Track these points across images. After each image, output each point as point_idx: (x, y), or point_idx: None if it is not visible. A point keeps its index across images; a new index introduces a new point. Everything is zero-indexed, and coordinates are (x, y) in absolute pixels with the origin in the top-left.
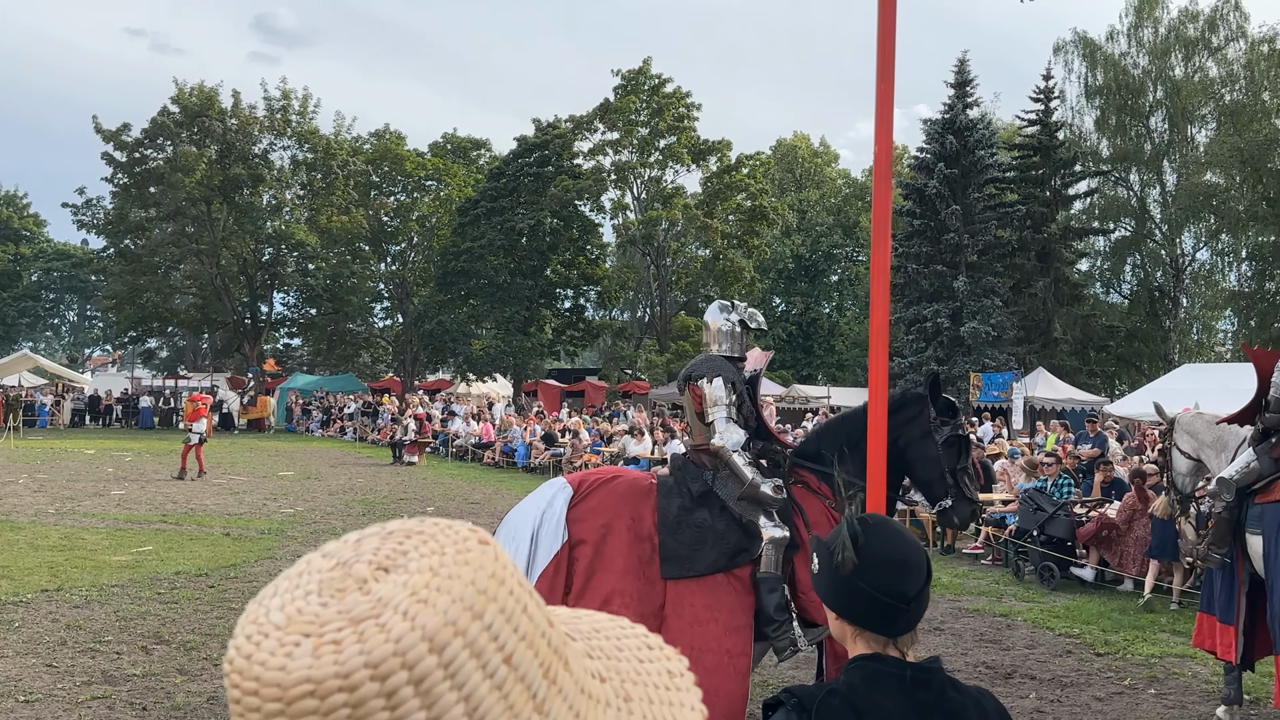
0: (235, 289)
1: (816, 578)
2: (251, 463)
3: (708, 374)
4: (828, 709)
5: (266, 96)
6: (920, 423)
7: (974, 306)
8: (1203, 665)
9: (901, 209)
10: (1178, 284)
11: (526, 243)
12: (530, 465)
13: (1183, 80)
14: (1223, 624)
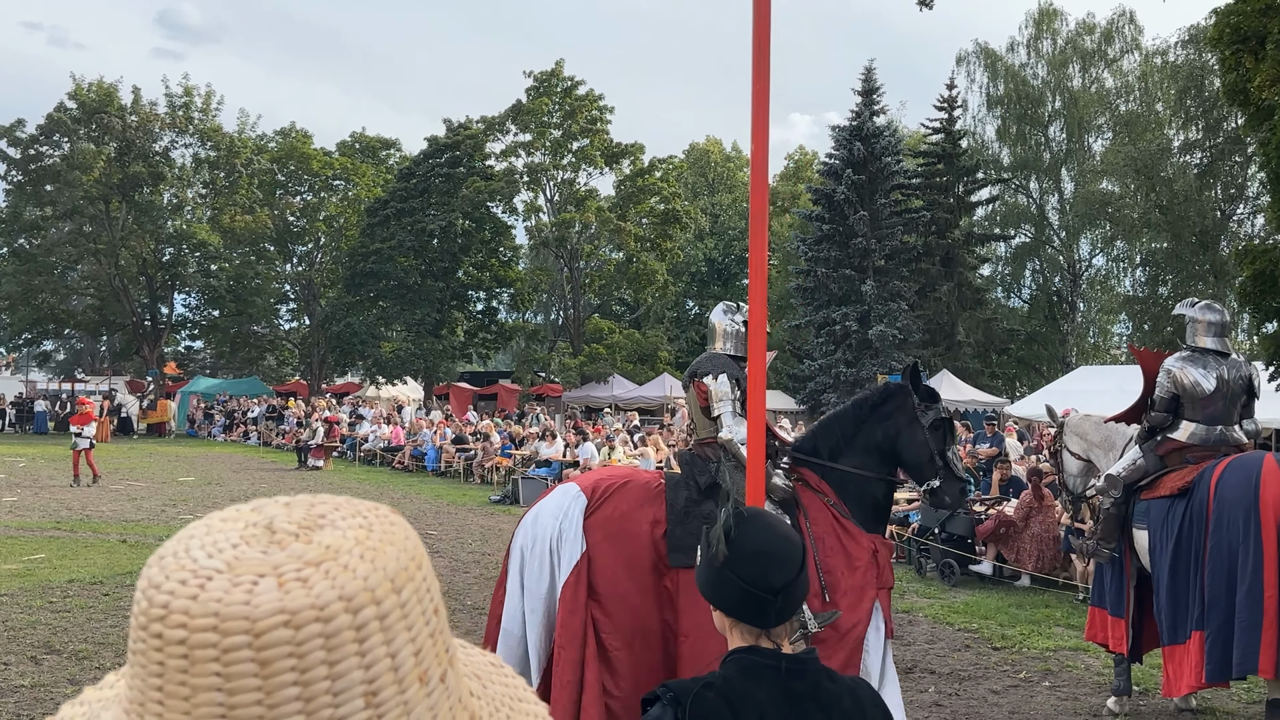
0: (134, 290)
1: (697, 571)
2: (151, 468)
3: (712, 371)
4: (703, 702)
5: (168, 93)
6: (906, 410)
7: (881, 310)
8: (1095, 658)
9: (811, 214)
10: (1075, 289)
11: (438, 244)
12: (441, 469)
13: (1080, 91)
14: (1113, 617)
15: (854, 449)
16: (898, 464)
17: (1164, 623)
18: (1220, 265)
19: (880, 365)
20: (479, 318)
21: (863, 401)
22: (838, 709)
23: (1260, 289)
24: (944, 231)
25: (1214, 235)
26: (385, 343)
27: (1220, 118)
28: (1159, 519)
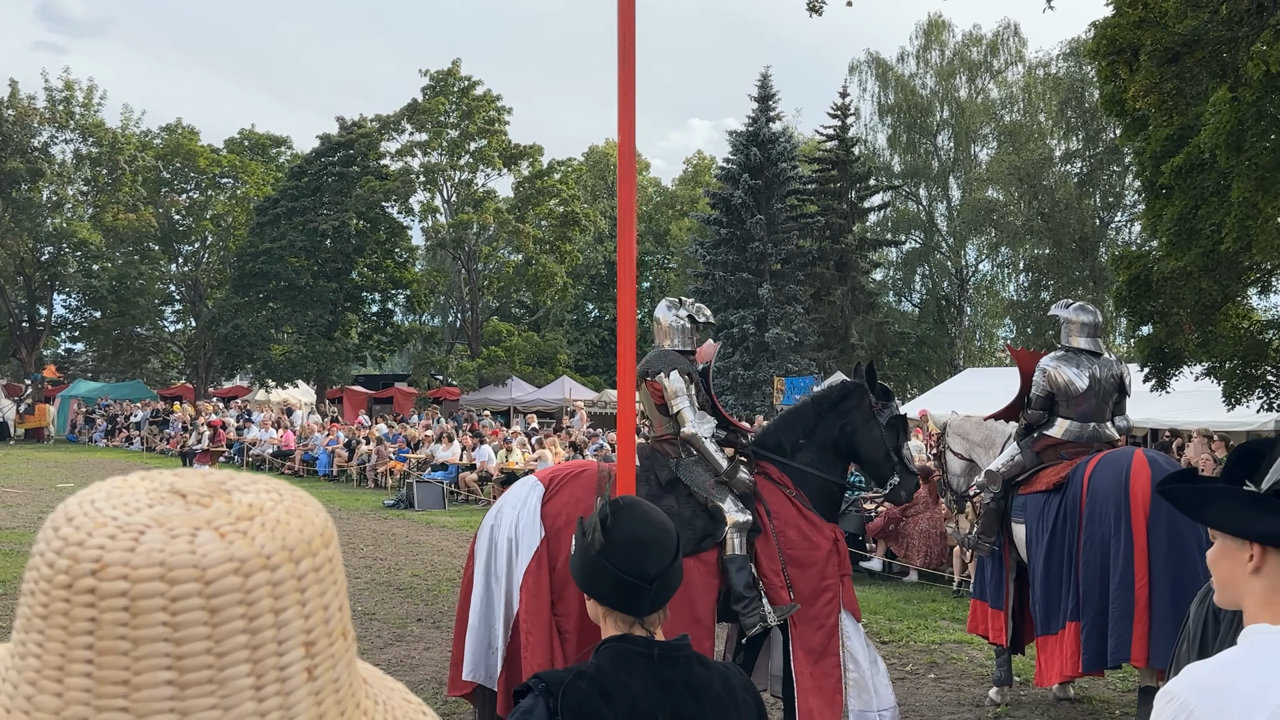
0: (11, 290)
1: (571, 560)
2: (28, 474)
3: (664, 369)
4: (575, 691)
5: (48, 87)
6: (862, 409)
7: (778, 313)
8: (978, 650)
9: (709, 218)
10: (962, 293)
11: (330, 244)
12: (333, 474)
13: (967, 101)
14: (993, 609)
15: (812, 444)
16: (854, 459)
17: (1039, 614)
18: (1099, 271)
19: (777, 368)
20: (374, 320)
21: (822, 398)
22: (709, 694)
23: (1135, 293)
24: (838, 236)
25: (1093, 242)
26: (275, 345)
27: (1099, 128)
28: (1035, 513)
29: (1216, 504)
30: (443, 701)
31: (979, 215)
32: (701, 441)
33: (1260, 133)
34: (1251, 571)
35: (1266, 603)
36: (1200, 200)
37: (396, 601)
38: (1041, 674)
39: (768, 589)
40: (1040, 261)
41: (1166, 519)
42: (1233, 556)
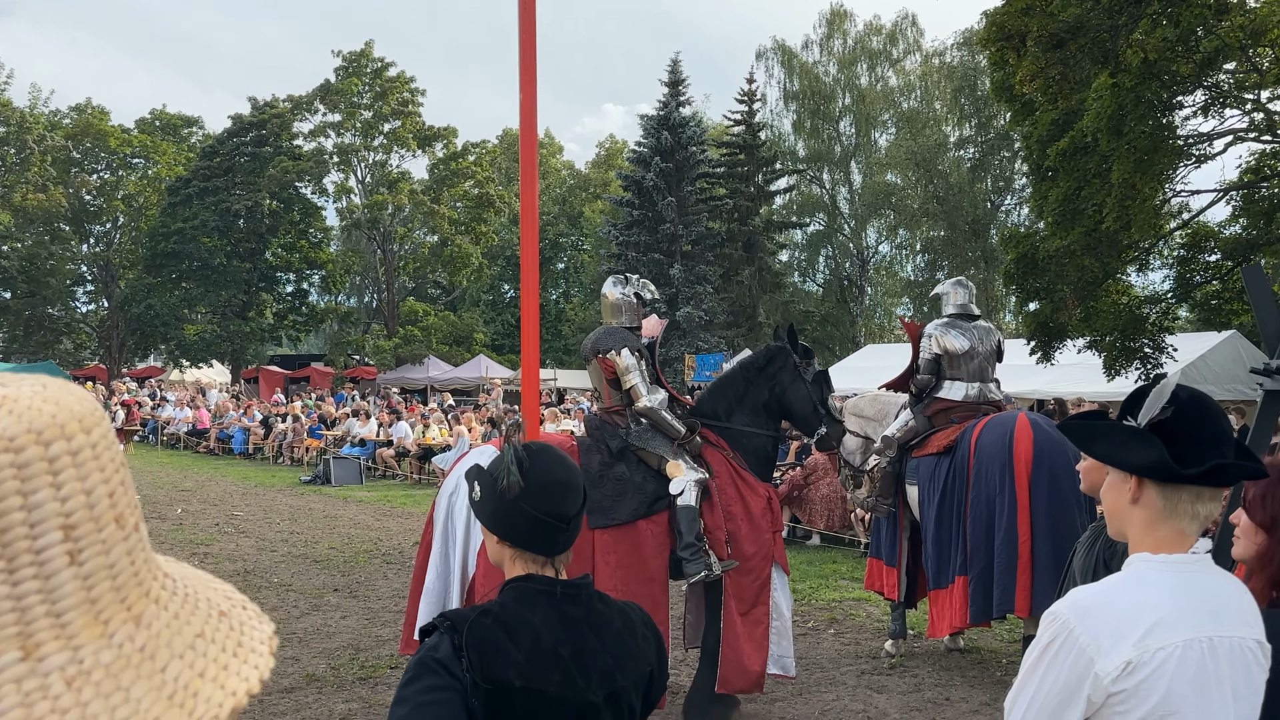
0: None
1: (478, 505)
2: None
3: (615, 346)
4: (479, 628)
5: None
6: (789, 368)
7: (688, 293)
8: (875, 607)
9: (622, 200)
10: (863, 274)
11: (244, 224)
12: (248, 452)
13: (867, 88)
14: (888, 566)
15: (744, 407)
16: (785, 417)
17: (930, 569)
18: (990, 251)
19: (688, 345)
20: (289, 300)
21: (749, 364)
22: (609, 629)
23: (1023, 271)
24: (746, 219)
25: (984, 224)
26: (189, 325)
27: (990, 115)
28: (927, 475)
29: (1103, 439)
30: (360, 666)
31: (878, 199)
32: (658, 413)
33: (1139, 117)
34: (1131, 502)
35: (1146, 532)
36: (1083, 182)
37: (313, 573)
38: (933, 626)
39: (712, 545)
40: (936, 243)
41: (1048, 478)
42: (1118, 488)
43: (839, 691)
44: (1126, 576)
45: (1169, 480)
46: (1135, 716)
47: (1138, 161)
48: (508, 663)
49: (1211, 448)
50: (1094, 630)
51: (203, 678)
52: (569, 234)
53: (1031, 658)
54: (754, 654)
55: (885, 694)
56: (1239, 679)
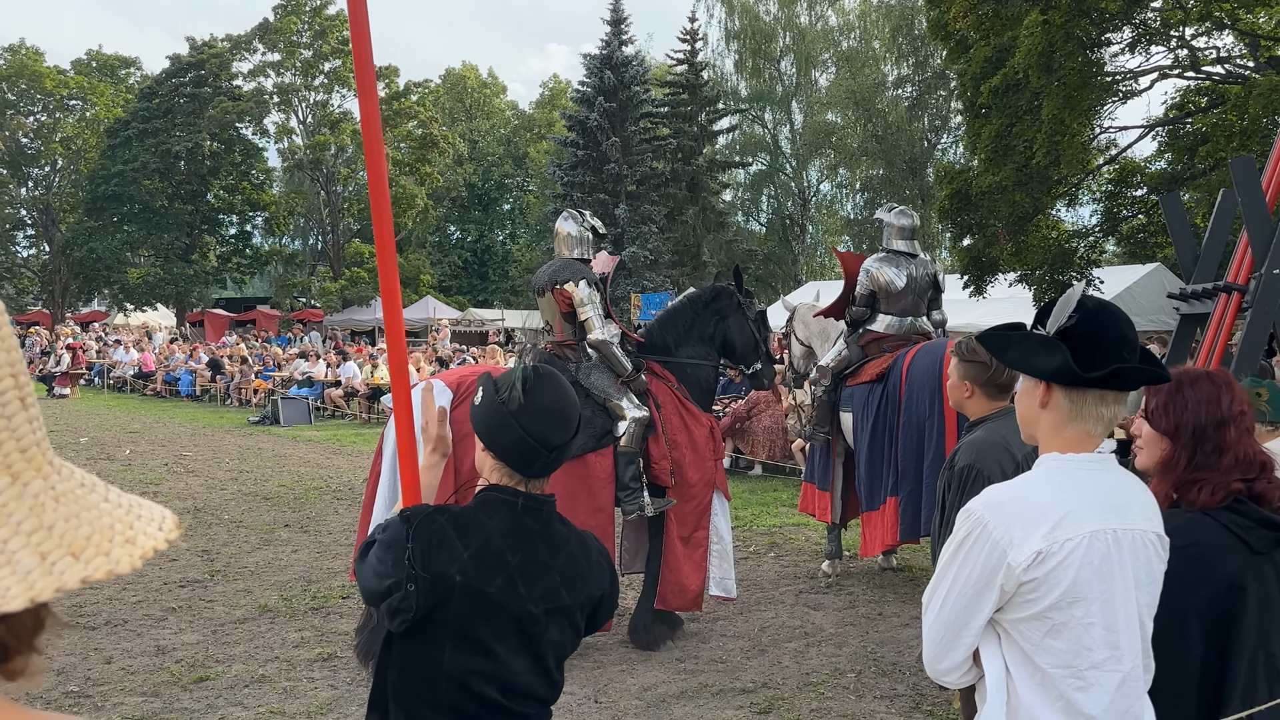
0: None
1: (476, 409)
2: None
3: (573, 278)
4: (431, 523)
5: None
6: (734, 306)
7: (634, 233)
8: (814, 531)
9: (566, 140)
10: (805, 213)
11: (185, 166)
12: (196, 394)
13: (807, 28)
14: (820, 490)
15: (691, 339)
16: (726, 352)
17: (863, 492)
18: (926, 189)
19: (634, 285)
20: (232, 242)
21: (696, 299)
22: (564, 550)
23: (957, 207)
24: (689, 158)
25: (921, 162)
26: (132, 269)
27: (927, 54)
28: (861, 402)
29: (1015, 347)
30: (312, 597)
31: (819, 138)
32: (609, 346)
33: (1068, 54)
34: (1040, 406)
35: (1054, 434)
36: (1015, 119)
37: (264, 510)
38: (866, 545)
39: (657, 474)
40: (874, 181)
41: None
42: (1029, 394)
43: (777, 610)
44: (1037, 475)
45: (1073, 384)
46: (1045, 603)
47: (1067, 98)
48: (451, 559)
49: (1114, 353)
50: (1007, 524)
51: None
52: (514, 174)
53: (948, 552)
54: (693, 575)
55: (821, 611)
56: (1140, 568)
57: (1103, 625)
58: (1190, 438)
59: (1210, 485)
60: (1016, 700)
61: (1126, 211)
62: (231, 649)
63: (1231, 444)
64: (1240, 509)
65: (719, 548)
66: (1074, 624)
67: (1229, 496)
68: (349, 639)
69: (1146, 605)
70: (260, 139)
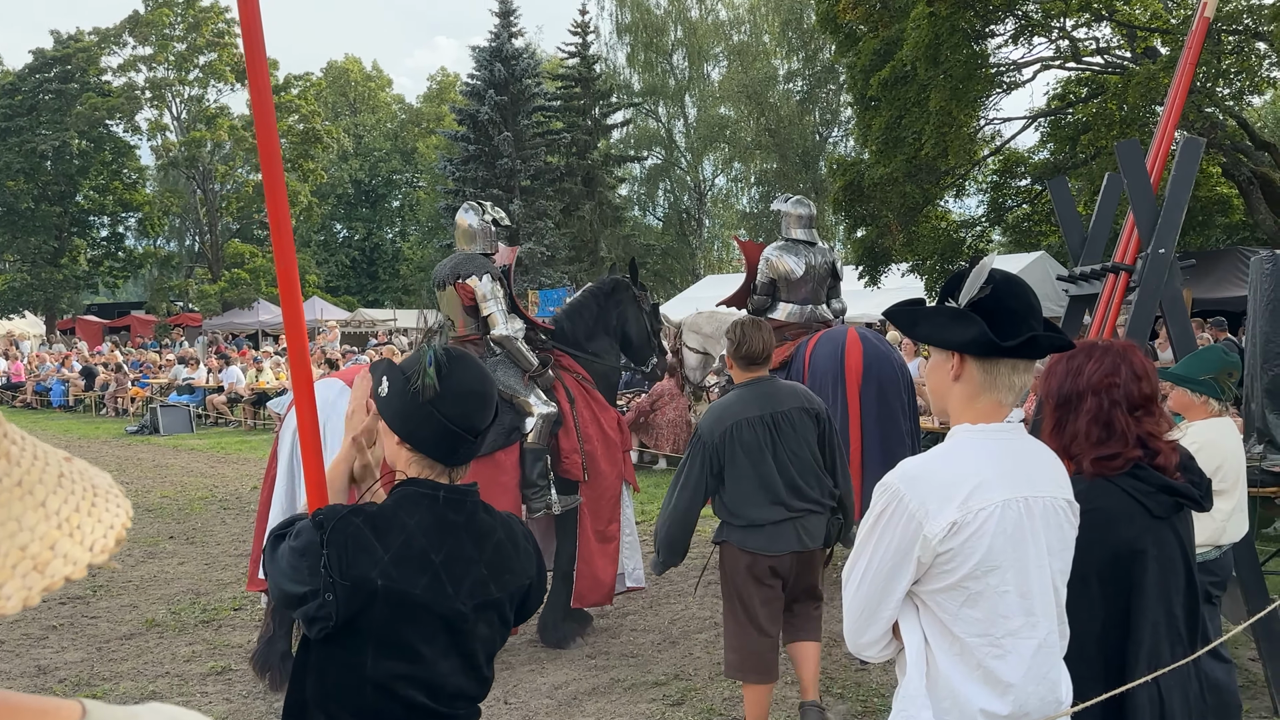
0: None
1: (385, 400)
2: None
3: (476, 272)
4: (346, 525)
5: None
6: (630, 299)
7: (529, 229)
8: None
9: (456, 135)
10: (701, 207)
11: (51, 166)
12: (69, 404)
13: (698, 21)
14: None
15: (598, 332)
16: (623, 344)
17: None
18: (819, 182)
19: (530, 281)
20: (104, 245)
21: (597, 291)
22: (490, 540)
23: (850, 199)
24: (584, 153)
25: (814, 155)
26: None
27: (817, 48)
28: None
29: (925, 322)
30: (202, 610)
31: (713, 131)
32: (514, 341)
33: (954, 46)
34: (954, 378)
35: (967, 405)
36: (903, 111)
37: (147, 522)
38: None
39: (568, 468)
40: (769, 175)
41: (876, 387)
42: (940, 368)
43: (686, 601)
44: (949, 446)
45: (989, 355)
46: (961, 573)
47: (953, 89)
48: (371, 562)
49: (1024, 322)
50: (922, 496)
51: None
52: (403, 170)
53: (866, 526)
54: (608, 567)
55: None
56: (1053, 535)
57: (1017, 593)
58: (1056, 405)
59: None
60: (936, 671)
61: (1011, 201)
62: (118, 666)
63: (1087, 414)
64: (1140, 474)
65: (630, 539)
66: (989, 593)
67: (1128, 464)
68: (243, 651)
69: (1059, 571)
70: (132, 136)
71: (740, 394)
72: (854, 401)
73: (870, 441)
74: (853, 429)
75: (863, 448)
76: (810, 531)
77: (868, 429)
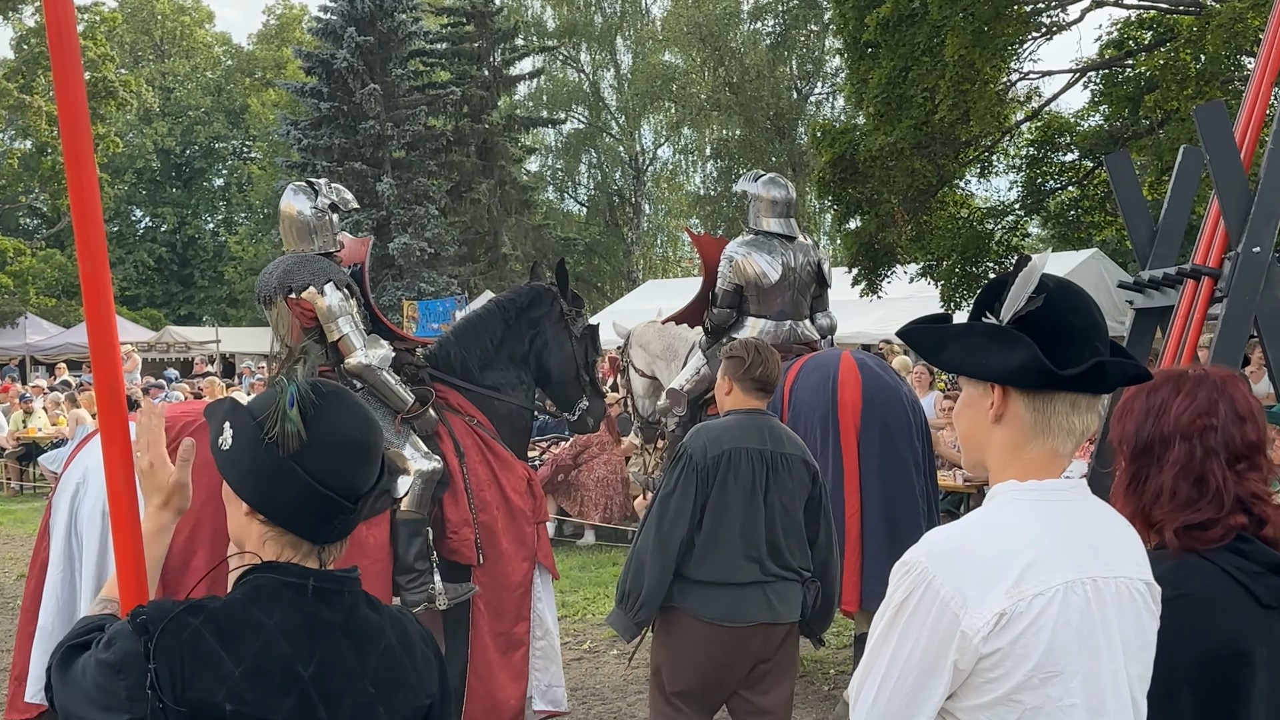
0: None
1: (229, 454)
2: None
3: (314, 281)
4: (178, 630)
5: None
6: (554, 317)
7: (404, 216)
8: None
9: (304, 87)
10: (639, 187)
11: None
12: None
13: None
14: None
15: (501, 360)
16: (540, 380)
17: None
18: (798, 155)
19: (405, 288)
20: None
21: (508, 304)
22: (377, 645)
23: (840, 176)
24: (479, 114)
25: (790, 119)
26: None
27: None
28: None
29: (956, 343)
30: None
31: (655, 86)
32: (377, 374)
33: None
34: (993, 420)
35: (1011, 456)
36: (910, 61)
37: None
38: None
39: (456, 547)
40: (730, 144)
41: (880, 433)
42: (975, 405)
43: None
44: (991, 512)
45: (1043, 387)
46: (1012, 682)
47: (976, 33)
48: (216, 679)
49: (1086, 343)
50: (957, 579)
51: None
52: (228, 136)
53: (881, 625)
54: (511, 685)
55: None
56: (1128, 629)
57: (1085, 708)
58: (1132, 454)
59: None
60: None
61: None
62: None
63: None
64: (1243, 549)
65: (543, 644)
66: (1050, 708)
67: (1229, 533)
68: None
69: (1138, 677)
70: None
71: (739, 420)
72: (850, 451)
73: (872, 506)
74: (849, 489)
75: (862, 514)
76: (785, 599)
77: (868, 488)
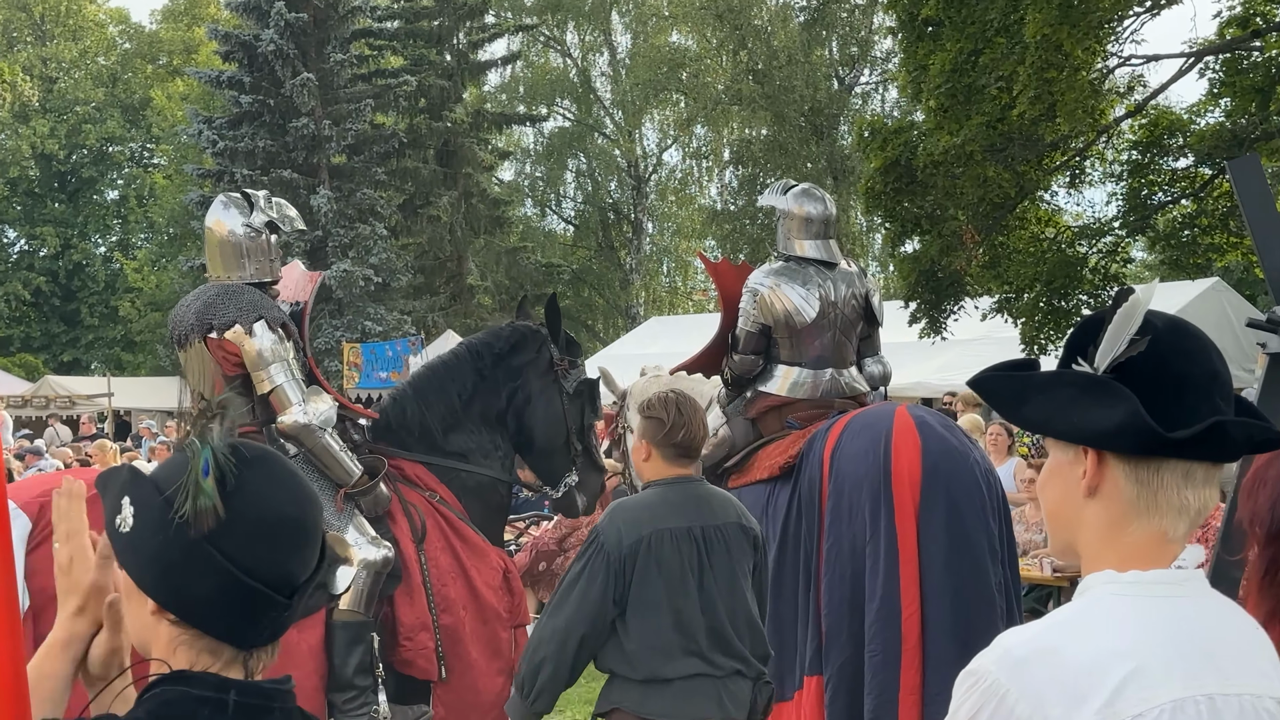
0: None
1: (128, 537)
2: None
3: (241, 318)
4: None
5: None
6: (541, 368)
7: (344, 237)
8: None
9: (221, 77)
10: (639, 200)
11: None
12: None
13: None
14: None
15: (471, 420)
16: (521, 446)
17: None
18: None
19: (346, 327)
20: None
21: (483, 349)
22: None
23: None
24: (439, 109)
25: (830, 115)
26: None
27: None
28: (755, 514)
29: (1040, 396)
30: None
31: (660, 74)
32: (318, 437)
33: None
34: (1087, 493)
35: (1109, 540)
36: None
37: None
38: None
39: (411, 658)
40: (754, 146)
41: (945, 510)
42: (1064, 475)
43: None
44: (1082, 608)
45: (1148, 452)
46: None
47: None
48: None
49: (1205, 399)
50: (1037, 692)
51: None
52: (125, 138)
53: None
54: None
55: None
56: None
57: None
58: (1268, 536)
59: None
60: None
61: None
62: None
63: None
64: None
65: None
66: None
67: None
68: None
69: None
70: None
71: (661, 494)
72: (907, 534)
73: (936, 604)
74: (905, 582)
75: (923, 616)
76: (735, 698)
77: (931, 582)
